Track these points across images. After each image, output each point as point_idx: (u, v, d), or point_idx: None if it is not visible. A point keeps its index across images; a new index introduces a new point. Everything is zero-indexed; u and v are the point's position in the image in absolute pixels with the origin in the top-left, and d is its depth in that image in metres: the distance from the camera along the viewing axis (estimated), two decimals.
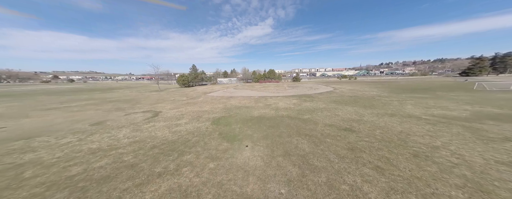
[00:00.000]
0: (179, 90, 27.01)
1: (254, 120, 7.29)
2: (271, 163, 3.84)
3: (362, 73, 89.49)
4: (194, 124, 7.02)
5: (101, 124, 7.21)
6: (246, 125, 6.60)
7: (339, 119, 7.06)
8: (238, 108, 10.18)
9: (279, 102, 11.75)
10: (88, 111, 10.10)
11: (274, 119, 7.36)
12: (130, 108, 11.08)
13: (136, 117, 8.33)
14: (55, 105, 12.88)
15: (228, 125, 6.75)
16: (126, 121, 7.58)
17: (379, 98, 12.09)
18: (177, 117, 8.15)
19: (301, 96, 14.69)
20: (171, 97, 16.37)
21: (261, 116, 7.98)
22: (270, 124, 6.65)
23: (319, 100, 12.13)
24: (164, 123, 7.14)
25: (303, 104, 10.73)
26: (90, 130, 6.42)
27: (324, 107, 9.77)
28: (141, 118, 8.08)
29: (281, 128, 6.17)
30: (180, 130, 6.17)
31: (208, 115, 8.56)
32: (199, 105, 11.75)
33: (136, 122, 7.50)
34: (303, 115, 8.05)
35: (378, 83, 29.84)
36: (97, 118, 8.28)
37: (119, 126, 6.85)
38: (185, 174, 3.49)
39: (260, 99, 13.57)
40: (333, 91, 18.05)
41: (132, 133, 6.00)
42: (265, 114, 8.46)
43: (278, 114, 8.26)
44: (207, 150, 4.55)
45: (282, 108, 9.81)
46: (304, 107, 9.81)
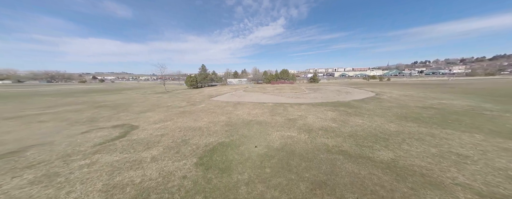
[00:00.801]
0: (185, 92, 24.98)
1: (276, 159, 3.97)
2: None
3: (393, 73, 78.03)
4: (167, 162, 3.97)
5: (21, 153, 4.55)
6: (262, 175, 3.33)
7: (488, 173, 3.18)
8: (246, 124, 6.94)
9: (307, 115, 8.18)
10: (50, 123, 7.73)
11: (315, 160, 3.91)
12: (108, 118, 8.54)
13: (91, 138, 5.56)
14: (34, 110, 11.06)
15: (227, 170, 3.55)
16: (65, 148, 4.82)
17: (490, 115, 7.31)
18: (149, 142, 5.21)
19: (335, 105, 10.77)
20: (169, 102, 13.88)
21: (287, 148, 4.61)
22: (313, 177, 3.25)
23: (371, 113, 8.13)
24: (117, 157, 4.21)
25: (350, 121, 6.96)
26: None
27: (397, 128, 5.88)
28: (96, 141, 5.30)
29: (347, 193, 2.77)
30: (125, 183, 3.14)
31: (199, 138, 5.48)
32: (195, 115, 8.83)
33: (77, 151, 4.67)
34: (373, 149, 4.38)
35: (431, 85, 24.20)
36: (37, 138, 5.72)
37: (40, 161, 4.09)
38: None
39: (277, 108, 10.12)
40: (379, 97, 13.64)
41: (27, 188, 3.12)
42: (292, 141, 5.05)
43: (316, 144, 4.79)
44: None
45: (317, 127, 6.25)
46: (357, 128, 6.06)
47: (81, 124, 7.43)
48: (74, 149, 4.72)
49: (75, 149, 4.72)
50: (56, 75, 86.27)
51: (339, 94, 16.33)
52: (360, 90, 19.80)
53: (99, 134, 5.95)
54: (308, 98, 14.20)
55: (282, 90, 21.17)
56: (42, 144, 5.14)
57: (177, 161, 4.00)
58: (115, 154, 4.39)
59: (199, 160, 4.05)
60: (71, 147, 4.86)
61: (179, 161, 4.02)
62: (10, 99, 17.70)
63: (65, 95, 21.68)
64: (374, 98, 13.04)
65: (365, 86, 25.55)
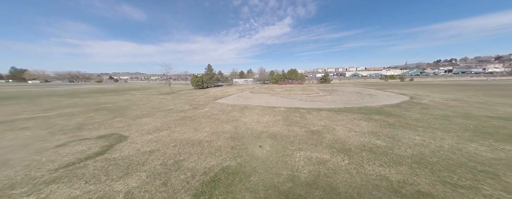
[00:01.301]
0: (190, 93, 24.17)
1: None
2: None
3: (414, 73, 70.33)
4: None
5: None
6: None
7: None
8: (257, 137, 5.53)
9: (333, 125, 6.55)
10: (31, 130, 6.76)
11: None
12: (98, 125, 7.53)
13: (62, 156, 4.42)
14: (29, 113, 10.31)
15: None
16: (18, 172, 3.66)
17: None
18: (131, 164, 3.99)
19: (365, 111, 8.90)
20: (171, 105, 12.87)
21: (322, 182, 3.15)
22: None
23: (426, 126, 6.21)
24: (77, 191, 2.98)
25: (401, 136, 5.19)
26: None
27: (494, 154, 3.97)
28: (65, 160, 4.13)
29: None
30: None
31: (197, 159, 4.19)
32: (196, 123, 7.60)
33: (30, 177, 3.48)
34: (480, 192, 2.74)
35: (473, 86, 21.32)
36: (2, 151, 4.74)
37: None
38: None
39: (291, 114, 8.61)
40: (417, 102, 11.41)
41: None
42: (326, 169, 3.56)
43: (367, 177, 3.25)
44: None
45: (356, 146, 4.63)
46: (421, 149, 4.31)
47: (64, 132, 6.43)
48: (28, 174, 3.60)
49: (30, 174, 3.60)
50: (77, 75, 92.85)
51: (361, 97, 14.28)
52: (385, 92, 17.48)
53: (76, 149, 4.85)
54: (326, 101, 12.50)
55: (292, 92, 19.55)
56: (8, 160, 4.09)
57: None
58: (78, 185, 3.19)
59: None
60: (27, 170, 3.75)
61: (169, 193, 2.72)
62: (20, 99, 17.70)
63: (73, 95, 21.63)
64: (412, 104, 10.86)
65: (388, 88, 22.88)
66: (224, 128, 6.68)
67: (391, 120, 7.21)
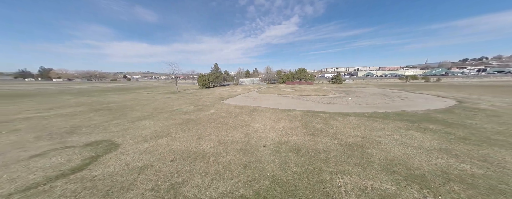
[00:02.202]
0: (196, 92, 23.52)
1: None
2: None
3: (438, 72, 62.36)
4: None
5: None
6: None
7: None
8: (275, 151, 4.34)
9: (373, 136, 5.12)
10: (17, 133, 6.06)
11: None
12: (93, 128, 6.71)
13: (30, 171, 3.46)
14: (30, 112, 9.86)
15: None
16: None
17: None
18: (112, 188, 2.98)
19: (408, 118, 7.26)
20: (176, 106, 12.04)
21: None
22: None
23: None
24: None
25: (501, 161, 3.58)
26: None
27: None
28: (31, 179, 3.16)
29: None
30: None
31: (199, 183, 3.10)
32: (201, 128, 6.57)
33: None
34: None
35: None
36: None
37: None
38: None
39: (312, 119, 7.28)
40: (473, 107, 9.26)
41: None
42: None
43: None
44: None
45: (429, 169, 3.29)
46: None
47: (51, 137, 5.64)
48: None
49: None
50: (94, 74, 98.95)
51: (390, 99, 12.39)
52: (416, 94, 15.33)
53: (52, 161, 3.96)
54: (347, 104, 10.91)
55: (303, 92, 18.10)
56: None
57: None
58: None
59: None
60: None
61: None
62: (32, 97, 17.85)
63: (84, 94, 21.71)
64: (468, 109, 8.85)
65: (415, 89, 20.26)
66: (233, 136, 5.58)
67: (457, 131, 5.55)
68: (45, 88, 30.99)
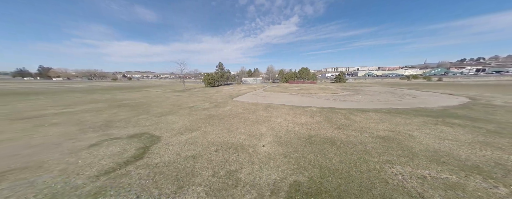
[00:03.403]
0: (204, 91, 23.67)
1: None
2: None
3: (438, 72, 63.54)
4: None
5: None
6: None
7: None
8: (308, 142, 4.58)
9: (403, 130, 5.23)
10: (60, 126, 6.29)
11: None
12: (125, 122, 6.96)
13: (98, 158, 3.78)
14: (53, 109, 10.09)
15: None
16: (56, 178, 3.03)
17: None
18: (179, 174, 3.26)
19: (424, 113, 7.43)
20: (191, 103, 12.25)
21: None
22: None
23: None
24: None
25: None
26: None
27: None
28: (104, 165, 3.48)
29: None
30: None
31: (251, 170, 3.37)
32: (226, 122, 6.84)
33: (71, 186, 2.82)
34: None
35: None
36: (28, 154, 4.12)
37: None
38: None
39: (331, 115, 7.49)
40: (487, 103, 9.60)
41: None
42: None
43: None
44: None
45: (479, 161, 3.38)
46: None
47: (93, 130, 5.87)
48: (67, 182, 2.96)
49: (69, 182, 2.96)
50: (94, 73, 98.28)
51: (401, 97, 12.59)
52: (424, 92, 15.56)
53: (110, 150, 4.22)
54: (360, 101, 11.18)
55: (311, 91, 18.43)
56: (28, 167, 3.51)
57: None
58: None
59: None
60: (65, 176, 3.14)
61: None
62: (43, 95, 17.86)
63: (92, 92, 21.73)
64: (485, 106, 9.11)
65: (421, 88, 20.76)
66: (260, 130, 5.86)
67: (487, 125, 5.64)
68: (49, 87, 30.76)
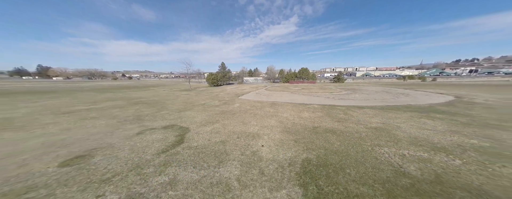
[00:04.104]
0: (208, 90, 24.46)
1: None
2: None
3: (433, 73, 65.69)
4: (261, 190, 2.80)
5: (80, 161, 3.72)
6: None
7: None
8: (313, 132, 5.49)
9: (392, 122, 6.17)
10: (100, 120, 7.20)
11: None
12: (152, 117, 7.85)
13: (149, 142, 4.71)
14: (82, 105, 10.98)
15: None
16: (129, 155, 3.97)
17: None
18: (216, 152, 4.15)
19: (413, 109, 8.35)
20: (201, 100, 13.09)
21: (475, 192, 2.99)
22: None
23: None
24: (195, 175, 3.15)
25: (502, 138, 4.72)
26: (34, 188, 2.94)
27: None
28: (157, 146, 4.41)
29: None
30: None
31: (268, 150, 4.26)
32: (239, 117, 7.71)
33: (144, 158, 3.79)
34: None
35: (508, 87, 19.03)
36: (92, 140, 5.00)
37: (105, 176, 3.17)
38: None
39: (332, 111, 8.34)
40: (472, 101, 10.52)
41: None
42: (448, 171, 3.41)
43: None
44: None
45: (446, 143, 4.36)
46: None
47: (130, 122, 6.73)
48: (140, 157, 3.86)
49: (141, 157, 3.86)
50: (94, 73, 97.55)
51: (395, 96, 13.65)
52: (417, 91, 16.63)
53: (154, 137, 5.09)
54: (357, 100, 12.15)
55: (311, 90, 19.36)
56: (103, 147, 4.41)
57: (275, 190, 2.81)
58: (190, 169, 3.37)
59: (303, 189, 2.81)
60: (135, 153, 4.03)
61: (277, 190, 2.82)
62: (61, 94, 18.56)
63: (104, 91, 22.42)
64: (467, 103, 10.13)
65: (416, 87, 21.83)
66: (270, 123, 6.74)
67: (461, 119, 6.66)
68: (56, 86, 31.29)
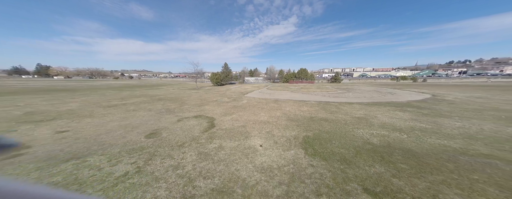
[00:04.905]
0: (214, 89, 25.84)
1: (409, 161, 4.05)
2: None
3: (426, 74, 68.03)
4: (276, 151, 4.30)
5: (156, 135, 5.23)
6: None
7: None
8: (311, 120, 6.99)
9: (372, 114, 7.67)
10: (141, 112, 8.66)
11: (458, 162, 3.57)
12: (179, 109, 9.33)
13: (191, 126, 6.20)
14: (116, 101, 12.39)
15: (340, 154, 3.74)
16: (183, 133, 5.45)
17: None
18: (240, 132, 5.63)
19: (394, 105, 9.86)
20: (213, 98, 14.55)
21: (395, 145, 4.53)
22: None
23: (461, 116, 7.21)
24: (233, 143, 4.68)
25: (442, 123, 6.25)
26: (146, 148, 4.39)
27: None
28: (198, 128, 5.89)
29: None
30: (269, 167, 3.50)
31: (278, 131, 5.74)
32: (250, 110, 9.18)
33: (194, 134, 5.30)
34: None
35: (497, 87, 20.22)
36: (150, 124, 6.46)
37: (179, 143, 4.69)
38: None
39: (327, 106, 9.85)
40: (442, 99, 12.08)
41: (201, 162, 3.64)
42: (392, 139, 4.91)
43: (432, 145, 4.35)
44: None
45: (407, 129, 5.64)
46: (467, 130, 5.40)
47: (165, 113, 8.23)
48: (192, 134, 5.31)
49: (192, 134, 5.31)
50: (95, 72, 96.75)
51: (383, 94, 15.28)
52: (404, 91, 18.23)
53: (191, 123, 6.57)
54: (350, 97, 13.67)
55: (309, 90, 20.89)
56: (162, 128, 5.89)
57: (286, 151, 4.30)
58: (228, 141, 4.85)
59: (304, 150, 4.32)
60: (187, 132, 5.47)
61: (288, 150, 4.31)
62: (86, 91, 19.83)
63: (119, 89, 23.72)
64: (437, 100, 11.76)
65: (404, 87, 23.51)
66: (276, 113, 8.24)
67: (425, 111, 8.21)
68: (63, 84, 32.32)
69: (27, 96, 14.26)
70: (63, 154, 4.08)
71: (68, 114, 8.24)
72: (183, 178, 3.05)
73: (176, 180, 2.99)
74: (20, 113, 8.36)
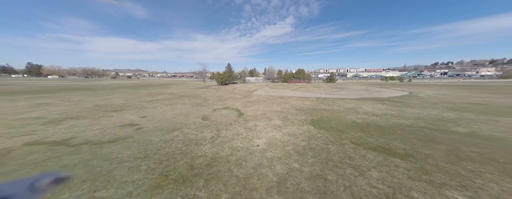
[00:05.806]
0: (221, 88, 27.41)
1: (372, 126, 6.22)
2: None
3: (412, 74, 72.51)
4: (292, 127, 6.29)
5: (208, 119, 7.07)
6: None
7: None
8: (313, 110, 9.04)
9: (359, 106, 10.01)
10: (179, 105, 10.42)
11: (404, 130, 5.81)
12: (206, 103, 11.16)
13: (226, 114, 8.08)
14: (148, 97, 13.97)
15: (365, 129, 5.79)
16: (224, 118, 7.29)
17: None
18: (264, 118, 7.57)
19: (377, 100, 12.39)
20: (226, 95, 16.34)
21: (374, 123, 6.67)
22: (421, 139, 5.05)
23: (422, 106, 9.47)
24: (263, 123, 6.61)
25: (406, 111, 8.57)
26: (210, 126, 6.10)
27: (456, 116, 7.36)
28: (232, 115, 7.78)
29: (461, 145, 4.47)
30: (293, 133, 5.40)
31: (290, 116, 7.73)
32: (263, 104, 11.09)
33: (233, 118, 7.18)
34: (447, 126, 5.96)
35: (465, 87, 22.91)
36: (196, 113, 8.22)
37: (227, 123, 6.53)
38: None
39: (324, 101, 11.97)
40: (415, 95, 14.93)
41: (249, 132, 5.49)
42: (365, 121, 7.17)
43: (395, 122, 6.50)
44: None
45: (381, 114, 7.84)
46: (419, 114, 7.74)
47: (198, 106, 10.02)
48: (231, 118, 7.17)
49: (232, 118, 7.17)
50: (90, 71, 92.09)
51: (370, 92, 17.90)
52: (388, 90, 20.99)
53: (224, 112, 8.44)
54: (343, 95, 15.97)
55: (308, 89, 23.06)
56: (206, 115, 7.69)
57: (301, 126, 6.31)
58: (259, 122, 6.76)
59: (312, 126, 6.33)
60: (226, 118, 7.29)
61: (301, 126, 6.32)
62: (109, 90, 20.92)
63: (137, 88, 24.82)
64: (411, 96, 14.46)
65: (390, 87, 26.47)
66: (285, 106, 10.22)
67: (398, 104, 10.69)
68: (72, 84, 32.50)
69: (68, 94, 15.60)
70: (165, 128, 5.89)
71: (126, 107, 9.88)
72: (245, 139, 4.96)
73: (242, 140, 4.90)
74: (90, 105, 9.93)
